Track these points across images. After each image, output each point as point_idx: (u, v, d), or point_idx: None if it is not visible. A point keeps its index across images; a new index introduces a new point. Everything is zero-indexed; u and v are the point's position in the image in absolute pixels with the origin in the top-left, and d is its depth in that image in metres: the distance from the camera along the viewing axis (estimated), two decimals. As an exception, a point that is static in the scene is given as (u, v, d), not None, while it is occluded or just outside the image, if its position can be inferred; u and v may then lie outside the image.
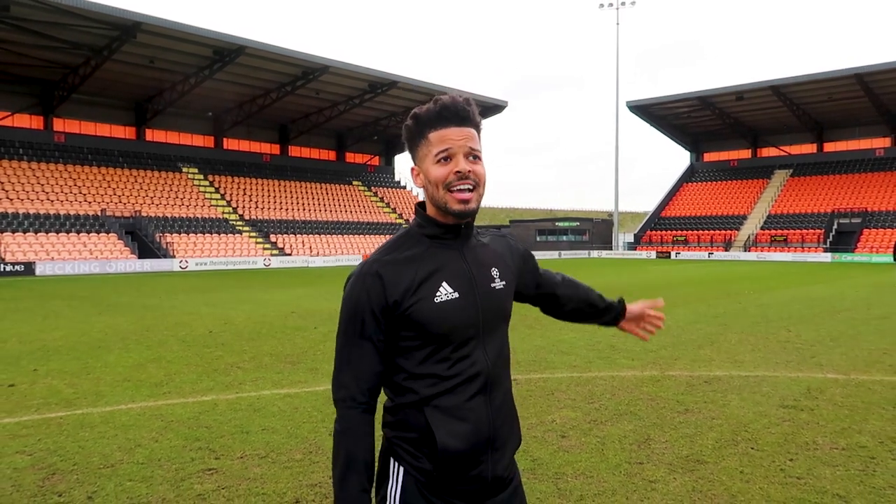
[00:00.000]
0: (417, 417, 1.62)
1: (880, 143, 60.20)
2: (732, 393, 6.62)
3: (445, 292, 1.61)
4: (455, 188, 1.59)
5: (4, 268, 32.47)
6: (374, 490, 1.67)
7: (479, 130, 1.65)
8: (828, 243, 52.02)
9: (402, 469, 1.64)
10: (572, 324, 2.13)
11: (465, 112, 1.62)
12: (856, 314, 13.57)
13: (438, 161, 1.59)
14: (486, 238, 1.80)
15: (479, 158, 1.63)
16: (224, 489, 4.08)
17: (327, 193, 58.48)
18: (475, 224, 1.77)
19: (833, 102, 56.71)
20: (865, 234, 50.82)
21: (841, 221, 53.98)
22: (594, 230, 71.67)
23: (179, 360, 8.53)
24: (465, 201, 1.60)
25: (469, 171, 1.59)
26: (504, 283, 1.74)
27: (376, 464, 1.68)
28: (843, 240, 51.82)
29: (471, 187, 1.60)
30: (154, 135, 51.43)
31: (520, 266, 1.86)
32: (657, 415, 5.78)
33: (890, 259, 22.42)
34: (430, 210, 1.67)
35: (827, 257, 49.15)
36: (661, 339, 10.21)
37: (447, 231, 1.66)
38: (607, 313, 2.11)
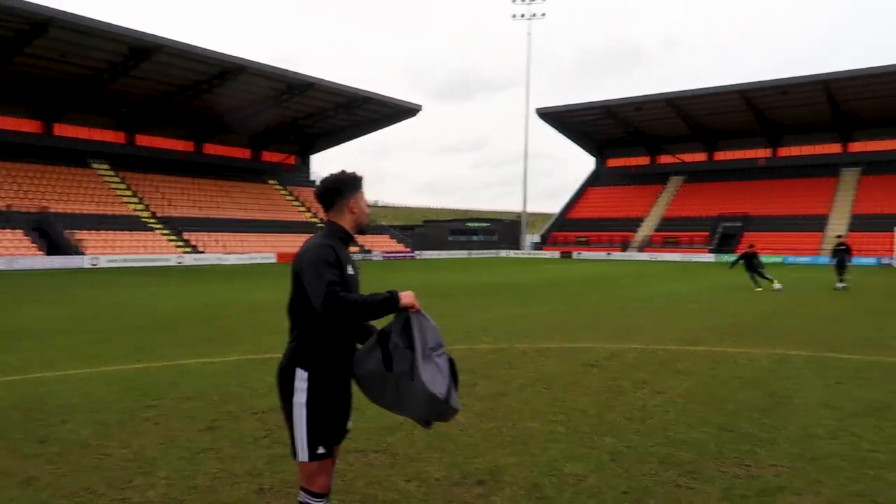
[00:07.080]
0: (327, 338, 2.84)
1: (763, 153, 65.99)
2: (553, 357, 8.76)
3: (351, 270, 2.88)
4: (367, 219, 3.07)
5: None
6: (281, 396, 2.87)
7: None
8: (713, 244, 56.84)
9: (306, 373, 2.82)
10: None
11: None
12: (701, 305, 16.22)
13: (366, 204, 3.05)
14: None
15: None
16: (163, 416, 5.78)
17: (243, 192, 58.85)
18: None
19: (721, 115, 61.86)
20: (746, 236, 55.83)
21: (725, 224, 59.11)
22: (503, 231, 74.78)
23: (109, 342, 9.99)
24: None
25: None
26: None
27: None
28: (727, 241, 56.76)
29: None
30: (63, 130, 50.52)
31: None
32: (486, 370, 7.82)
33: (730, 260, 25.86)
34: (347, 226, 2.98)
35: (711, 257, 53.78)
36: (522, 323, 12.37)
37: (349, 239, 3.01)
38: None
